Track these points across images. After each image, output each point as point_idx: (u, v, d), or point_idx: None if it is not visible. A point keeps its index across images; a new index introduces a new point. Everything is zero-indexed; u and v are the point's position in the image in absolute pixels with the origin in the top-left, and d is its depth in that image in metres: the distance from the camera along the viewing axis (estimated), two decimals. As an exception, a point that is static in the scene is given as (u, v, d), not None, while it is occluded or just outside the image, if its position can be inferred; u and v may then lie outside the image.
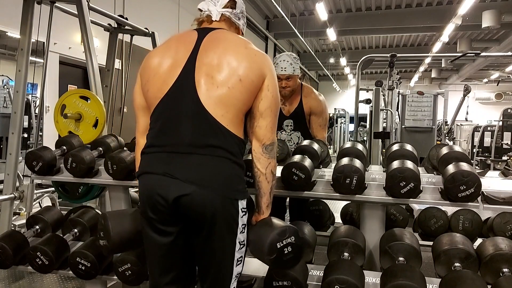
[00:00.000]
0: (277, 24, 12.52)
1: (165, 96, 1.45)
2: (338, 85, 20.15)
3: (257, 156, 1.50)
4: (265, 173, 1.50)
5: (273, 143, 1.51)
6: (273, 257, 1.42)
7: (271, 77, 1.49)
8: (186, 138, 1.40)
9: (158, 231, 1.44)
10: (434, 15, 10.80)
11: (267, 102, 1.48)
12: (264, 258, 1.46)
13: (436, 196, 1.84)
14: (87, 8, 3.05)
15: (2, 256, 2.11)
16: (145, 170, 1.45)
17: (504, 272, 1.69)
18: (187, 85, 1.43)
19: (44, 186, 4.13)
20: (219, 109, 1.40)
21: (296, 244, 1.46)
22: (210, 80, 1.42)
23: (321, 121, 2.87)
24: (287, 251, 1.44)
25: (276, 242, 1.42)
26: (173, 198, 1.36)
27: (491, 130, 8.25)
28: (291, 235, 1.45)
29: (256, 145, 1.50)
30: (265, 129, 1.49)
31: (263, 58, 1.51)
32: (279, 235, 1.43)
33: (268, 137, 1.49)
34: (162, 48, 1.57)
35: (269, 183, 1.52)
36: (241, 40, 1.53)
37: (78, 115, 2.69)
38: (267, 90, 1.47)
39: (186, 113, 1.41)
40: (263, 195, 1.53)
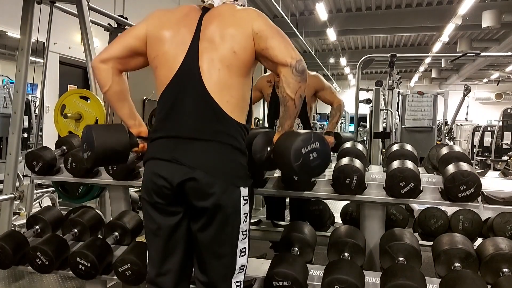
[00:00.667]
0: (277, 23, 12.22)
1: (170, 83, 1.46)
2: (338, 85, 20.13)
3: (287, 81, 1.40)
4: (294, 98, 1.42)
5: (301, 61, 1.40)
6: (299, 162, 1.39)
7: (257, 21, 1.45)
8: (191, 124, 1.42)
9: (165, 212, 1.45)
10: (434, 15, 10.80)
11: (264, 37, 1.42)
12: (290, 166, 1.41)
13: (436, 196, 1.84)
14: (87, 8, 3.05)
15: (2, 256, 2.11)
16: (152, 155, 1.47)
17: (504, 272, 1.69)
18: (192, 71, 1.44)
19: (44, 186, 4.13)
20: (223, 95, 1.42)
21: (322, 149, 1.43)
22: (211, 63, 1.43)
23: (329, 90, 3.02)
24: (313, 157, 1.40)
25: (301, 148, 1.39)
26: (177, 183, 1.38)
27: (491, 130, 8.25)
28: (316, 140, 1.41)
29: (285, 70, 1.40)
30: (284, 49, 1.41)
31: (246, 15, 1.47)
32: (303, 141, 1.40)
33: (291, 55, 1.39)
34: (172, 20, 1.53)
35: (296, 107, 1.45)
36: (230, 10, 1.51)
37: (78, 115, 2.69)
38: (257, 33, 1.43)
39: (191, 99, 1.43)
40: (288, 118, 1.48)
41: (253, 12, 1.51)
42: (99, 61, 1.55)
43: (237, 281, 1.48)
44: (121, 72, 1.59)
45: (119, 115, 1.66)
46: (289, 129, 1.51)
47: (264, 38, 1.43)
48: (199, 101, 1.43)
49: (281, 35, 1.46)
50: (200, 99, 1.42)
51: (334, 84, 19.57)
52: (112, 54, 1.56)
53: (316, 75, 2.99)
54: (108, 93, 1.58)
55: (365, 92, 7.55)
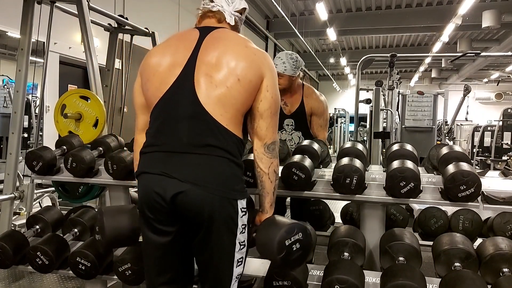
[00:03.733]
0: (277, 24, 12.52)
1: (164, 95, 1.45)
2: (338, 85, 20.15)
3: (259, 156, 1.49)
4: (267, 173, 1.49)
5: (274, 142, 1.50)
6: (283, 255, 1.41)
7: (270, 77, 1.48)
8: (184, 137, 1.39)
9: (156, 231, 1.43)
10: (434, 15, 10.80)
11: (267, 103, 1.47)
12: (273, 257, 1.44)
13: (436, 196, 1.85)
14: (87, 8, 3.05)
15: (2, 256, 2.11)
16: (143, 170, 1.44)
17: (504, 272, 1.69)
18: (186, 84, 1.43)
19: (44, 186, 4.13)
20: (218, 109, 1.40)
21: (304, 240, 1.45)
22: (209, 80, 1.41)
23: (322, 121, 2.87)
24: (296, 248, 1.43)
25: (285, 240, 1.41)
26: (170, 196, 1.35)
27: (491, 130, 8.25)
28: (299, 231, 1.44)
29: (258, 145, 1.49)
30: (266, 130, 1.48)
31: (263, 58, 1.49)
32: (287, 233, 1.41)
33: (269, 137, 1.49)
34: (162, 46, 1.56)
35: (272, 182, 1.51)
36: (242, 39, 1.52)
37: (78, 115, 2.69)
38: (266, 90, 1.46)
39: (184, 112, 1.41)
40: (266, 195, 1.53)
41: (269, 59, 1.52)
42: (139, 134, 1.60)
43: None
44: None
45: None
46: (270, 209, 1.54)
47: (266, 103, 1.47)
48: (193, 114, 1.40)
49: (276, 112, 1.51)
50: (194, 112, 1.40)
51: (334, 84, 19.60)
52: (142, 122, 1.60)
53: (320, 99, 2.86)
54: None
55: (365, 92, 7.56)
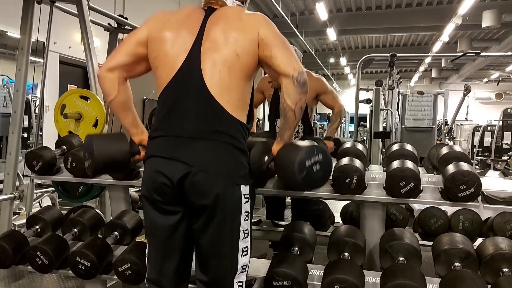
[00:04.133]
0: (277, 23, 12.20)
1: (170, 82, 1.46)
2: (338, 85, 20.14)
3: (288, 91, 1.42)
4: (294, 110, 1.44)
5: (303, 73, 1.42)
6: (303, 175, 1.42)
7: (264, 28, 1.46)
8: (192, 123, 1.42)
9: (164, 211, 1.45)
10: (434, 15, 10.80)
11: (270, 45, 1.44)
12: (294, 178, 1.44)
13: (436, 196, 1.84)
14: (87, 8, 3.05)
15: (2, 256, 2.11)
16: (152, 153, 1.47)
17: (504, 272, 1.69)
18: (193, 70, 1.44)
19: (44, 186, 4.13)
20: (224, 95, 1.42)
21: (324, 161, 1.46)
22: (213, 63, 1.43)
23: (331, 95, 2.99)
24: (316, 169, 1.43)
25: (305, 160, 1.41)
26: (177, 179, 1.38)
27: (491, 130, 8.24)
28: (319, 153, 1.44)
29: (286, 81, 1.41)
30: (287, 60, 1.42)
31: (253, 20, 1.48)
32: (307, 153, 1.42)
33: (294, 67, 1.41)
34: (173, 21, 1.54)
35: (296, 118, 1.47)
36: (237, 13, 1.52)
37: (78, 115, 2.69)
38: (263, 40, 1.44)
39: (192, 98, 1.43)
40: (288, 128, 1.50)
41: (260, 17, 1.51)
42: (106, 70, 1.55)
43: (239, 281, 1.47)
44: (126, 79, 1.59)
45: (123, 123, 1.67)
46: (289, 140, 1.53)
47: (269, 46, 1.44)
48: (200, 100, 1.43)
49: (286, 46, 1.48)
50: (201, 98, 1.43)
51: (334, 84, 19.59)
52: (117, 62, 1.56)
53: (319, 78, 2.97)
54: (113, 103, 1.59)
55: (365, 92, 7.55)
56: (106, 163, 1.57)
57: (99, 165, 1.55)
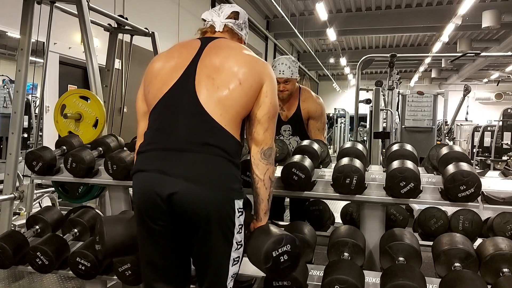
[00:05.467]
0: (277, 24, 12.53)
1: (164, 95, 1.47)
2: (338, 85, 20.14)
3: (255, 162, 1.51)
4: (263, 179, 1.50)
5: (271, 148, 1.52)
6: (269, 265, 1.42)
7: (269, 83, 1.51)
8: (183, 135, 1.40)
9: (152, 230, 1.42)
10: (434, 15, 10.81)
11: (265, 108, 1.49)
12: (260, 266, 1.46)
13: (436, 196, 1.84)
14: (87, 8, 3.05)
15: (2, 256, 2.11)
16: (139, 168, 1.44)
17: (504, 272, 1.69)
18: (187, 85, 1.44)
19: (44, 186, 4.13)
20: (217, 109, 1.41)
21: (293, 252, 1.46)
22: (211, 81, 1.44)
23: (319, 124, 2.86)
24: (283, 259, 1.44)
25: (272, 251, 1.42)
26: (166, 195, 1.35)
27: (491, 130, 8.25)
28: (287, 243, 1.44)
29: (254, 151, 1.51)
30: (263, 135, 1.50)
31: (263, 65, 1.54)
32: (274, 244, 1.43)
33: (266, 142, 1.51)
34: (165, 53, 1.60)
35: (267, 189, 1.52)
36: (242, 48, 1.57)
37: (78, 115, 2.69)
38: (265, 96, 1.49)
39: (184, 111, 1.42)
40: (261, 202, 1.54)
41: (269, 67, 1.56)
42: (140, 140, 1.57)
43: None
44: None
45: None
46: (264, 217, 1.55)
47: (264, 109, 1.49)
48: (192, 113, 1.42)
49: (274, 118, 1.54)
50: (193, 111, 1.41)
51: (334, 84, 19.61)
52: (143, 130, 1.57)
53: (316, 101, 2.83)
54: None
55: (365, 92, 7.56)
56: (116, 248, 1.57)
57: (108, 251, 1.57)
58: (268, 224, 1.56)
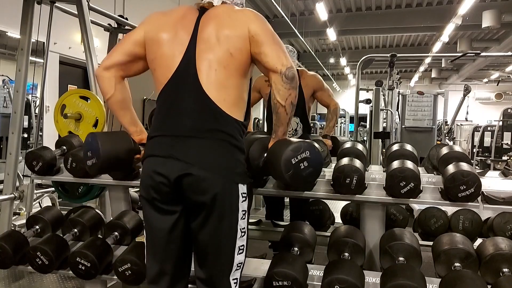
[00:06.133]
0: (277, 24, 12.49)
1: (168, 82, 1.48)
2: (338, 85, 20.14)
3: (277, 88, 1.44)
4: (284, 105, 1.46)
5: (291, 68, 1.43)
6: (290, 173, 1.42)
7: (254, 24, 1.47)
8: (188, 123, 1.43)
9: (161, 211, 1.46)
10: (434, 15, 10.80)
11: (259, 42, 1.45)
12: (282, 176, 1.44)
13: (436, 196, 1.84)
14: (87, 8, 3.05)
15: (2, 256, 2.11)
16: (150, 153, 1.48)
17: (504, 272, 1.69)
18: (189, 71, 1.46)
19: (44, 186, 4.13)
20: (220, 94, 1.44)
21: (312, 158, 1.44)
22: (208, 63, 1.45)
23: (327, 92, 3.07)
24: (304, 166, 1.43)
25: (291, 158, 1.41)
26: (175, 177, 1.39)
27: (491, 130, 8.25)
28: (306, 149, 1.43)
29: (274, 77, 1.44)
30: (277, 57, 1.44)
31: (243, 16, 1.49)
32: (293, 151, 1.42)
33: (282, 63, 1.43)
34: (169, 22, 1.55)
35: (287, 114, 1.49)
36: (226, 11, 1.52)
37: (78, 115, 2.69)
38: (253, 36, 1.45)
39: (188, 98, 1.45)
40: (280, 125, 1.51)
41: (250, 13, 1.52)
42: (102, 69, 1.58)
43: (234, 278, 1.48)
44: (123, 78, 1.62)
45: (121, 122, 1.70)
46: (283, 136, 1.54)
47: (259, 42, 1.46)
48: (196, 100, 1.44)
49: (275, 41, 1.49)
50: (197, 98, 1.44)
51: (334, 84, 19.61)
52: (113, 61, 1.58)
53: (314, 75, 3.02)
54: (110, 101, 1.61)
55: (365, 92, 7.55)
56: (111, 161, 1.57)
57: (104, 163, 1.55)
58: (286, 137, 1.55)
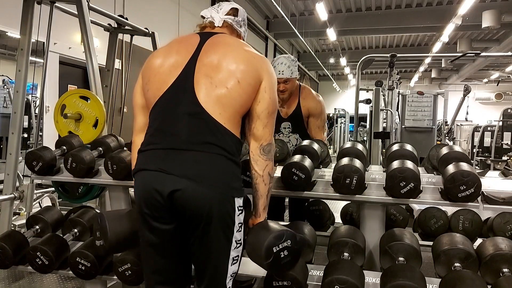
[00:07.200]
0: (277, 24, 12.53)
1: (163, 94, 1.47)
2: (338, 85, 20.14)
3: (254, 158, 1.51)
4: (262, 175, 1.51)
5: (270, 144, 1.52)
6: (270, 261, 1.43)
7: (268, 79, 1.51)
8: (183, 135, 1.40)
9: (152, 229, 1.43)
10: (434, 15, 10.81)
11: (265, 104, 1.49)
12: (261, 262, 1.47)
13: (436, 196, 1.84)
14: (87, 8, 3.05)
15: (2, 256, 2.11)
16: (141, 167, 1.45)
17: (504, 272, 1.69)
18: (186, 84, 1.45)
19: (44, 186, 4.13)
20: (217, 108, 1.42)
21: (293, 247, 1.46)
22: (209, 80, 1.44)
23: (319, 122, 2.85)
24: (284, 255, 1.44)
25: (273, 246, 1.42)
26: (168, 193, 1.36)
27: (491, 130, 8.25)
28: (288, 238, 1.45)
29: (253, 146, 1.51)
30: (262, 131, 1.50)
31: (261, 61, 1.53)
32: (275, 239, 1.43)
33: (265, 138, 1.51)
34: (164, 49, 1.59)
35: (266, 185, 1.52)
36: (241, 44, 1.56)
37: (78, 115, 2.69)
38: (264, 92, 1.49)
39: (183, 111, 1.43)
40: (260, 197, 1.54)
41: (268, 63, 1.55)
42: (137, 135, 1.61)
43: None
44: None
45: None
46: (263, 212, 1.56)
47: (264, 104, 1.49)
48: (191, 113, 1.42)
49: (273, 114, 1.53)
50: (192, 110, 1.42)
51: (334, 84, 19.62)
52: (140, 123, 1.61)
53: (315, 98, 2.84)
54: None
55: (365, 92, 7.55)
56: (119, 242, 1.58)
57: (112, 245, 1.57)
58: (267, 220, 1.57)
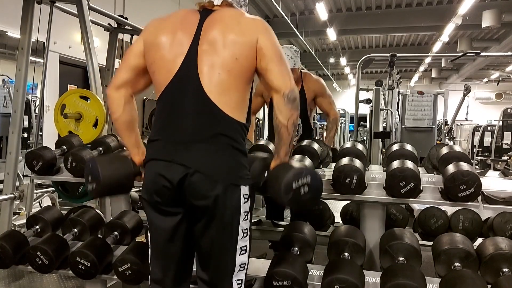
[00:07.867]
0: (277, 23, 12.49)
1: (169, 84, 1.47)
2: (338, 85, 20.13)
3: (279, 108, 1.46)
4: (286, 125, 1.47)
5: (293, 91, 1.46)
6: (290, 196, 1.44)
7: (264, 36, 1.47)
8: (190, 127, 1.43)
9: (164, 213, 1.46)
10: (434, 15, 10.79)
11: (267, 57, 1.46)
12: (281, 198, 1.47)
13: (436, 195, 1.85)
14: (87, 8, 3.05)
15: (2, 256, 2.11)
16: (152, 157, 1.48)
17: (504, 272, 1.69)
18: (190, 73, 1.45)
19: (44, 186, 4.13)
20: (222, 96, 1.43)
21: (313, 184, 1.47)
22: (211, 66, 1.44)
23: (328, 98, 3.04)
24: (304, 191, 1.45)
25: (291, 182, 1.43)
26: (177, 180, 1.40)
27: (491, 130, 8.25)
28: (307, 175, 1.45)
29: (277, 97, 1.46)
30: (281, 78, 1.45)
31: (253, 25, 1.49)
32: (294, 176, 1.44)
33: (286, 85, 1.45)
34: (168, 25, 1.54)
35: (289, 134, 1.50)
36: (235, 16, 1.51)
37: (78, 115, 2.70)
38: (261, 49, 1.45)
39: (190, 102, 1.44)
40: (283, 145, 1.53)
41: (260, 23, 1.51)
42: (113, 89, 1.59)
43: (238, 279, 1.48)
44: (132, 97, 1.62)
45: (125, 142, 1.70)
46: (285, 157, 1.55)
47: (266, 57, 1.46)
48: (198, 103, 1.43)
49: (282, 60, 1.49)
50: (199, 101, 1.43)
51: (334, 84, 19.61)
52: (122, 79, 1.59)
53: (318, 79, 3.02)
54: (117, 121, 1.62)
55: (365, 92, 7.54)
56: (112, 186, 1.58)
57: (104, 188, 1.57)
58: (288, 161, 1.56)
